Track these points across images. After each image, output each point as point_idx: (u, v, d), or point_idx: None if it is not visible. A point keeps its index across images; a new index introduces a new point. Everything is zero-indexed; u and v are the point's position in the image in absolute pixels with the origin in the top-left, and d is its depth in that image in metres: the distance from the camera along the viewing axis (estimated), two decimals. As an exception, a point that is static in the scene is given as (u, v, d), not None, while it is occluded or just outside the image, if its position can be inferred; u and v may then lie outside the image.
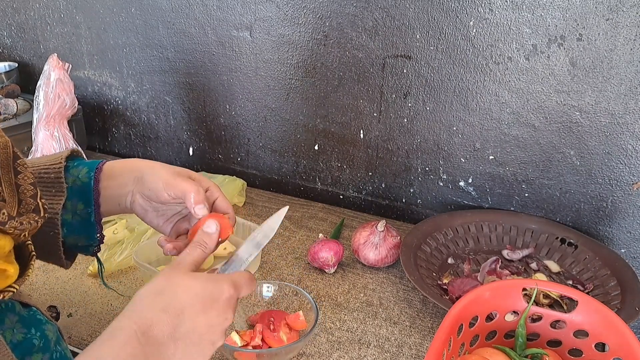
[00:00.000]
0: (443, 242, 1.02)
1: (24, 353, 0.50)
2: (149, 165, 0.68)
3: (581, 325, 0.69)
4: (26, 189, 0.51)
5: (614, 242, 1.04)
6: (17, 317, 0.51)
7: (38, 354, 0.51)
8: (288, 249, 1.05)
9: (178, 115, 1.38)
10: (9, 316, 0.50)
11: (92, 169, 0.67)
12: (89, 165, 0.68)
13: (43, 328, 0.53)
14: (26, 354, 0.50)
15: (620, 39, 0.89)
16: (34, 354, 0.50)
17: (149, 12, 1.28)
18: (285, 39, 1.15)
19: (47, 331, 0.53)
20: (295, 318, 0.79)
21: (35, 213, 0.50)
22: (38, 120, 1.13)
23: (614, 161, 0.97)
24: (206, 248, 0.60)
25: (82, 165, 0.68)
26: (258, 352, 0.74)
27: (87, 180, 0.66)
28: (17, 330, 0.50)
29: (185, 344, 0.53)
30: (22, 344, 0.50)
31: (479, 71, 1.01)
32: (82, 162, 0.70)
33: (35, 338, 0.51)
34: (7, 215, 0.46)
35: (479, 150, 1.07)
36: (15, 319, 0.51)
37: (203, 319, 0.54)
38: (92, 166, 0.68)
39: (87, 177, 0.67)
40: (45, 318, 0.55)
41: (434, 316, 0.88)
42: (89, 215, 0.67)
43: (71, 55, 1.45)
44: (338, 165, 1.24)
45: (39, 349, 0.51)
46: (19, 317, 0.52)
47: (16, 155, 0.52)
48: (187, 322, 0.53)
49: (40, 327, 0.53)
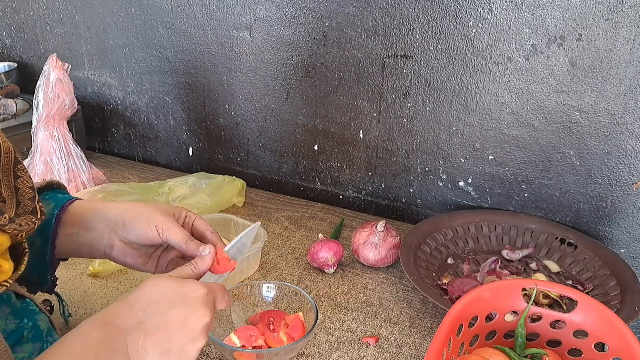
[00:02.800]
0: (443, 242, 1.02)
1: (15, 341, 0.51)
2: (127, 209, 0.66)
3: (581, 325, 0.69)
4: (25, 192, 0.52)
5: (614, 242, 1.04)
6: (9, 309, 0.52)
7: (28, 343, 0.52)
8: (288, 249, 1.05)
9: (178, 116, 1.38)
10: (2, 307, 0.52)
11: (58, 207, 0.65)
12: (57, 201, 0.66)
13: (35, 318, 0.54)
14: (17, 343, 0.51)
15: (620, 39, 0.89)
16: (24, 343, 0.51)
17: (149, 12, 1.28)
18: (284, 39, 1.15)
19: (39, 321, 0.54)
20: (295, 318, 0.79)
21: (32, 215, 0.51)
22: (37, 120, 1.12)
23: (614, 161, 0.97)
24: (195, 269, 0.60)
25: (51, 200, 0.66)
26: (258, 352, 0.74)
27: (49, 218, 0.64)
28: (9, 321, 0.51)
29: (158, 339, 0.52)
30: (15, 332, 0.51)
31: (479, 71, 1.01)
32: (54, 196, 0.68)
33: (26, 328, 0.52)
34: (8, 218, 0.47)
35: (479, 150, 1.07)
36: (8, 310, 0.52)
37: (175, 314, 0.53)
38: (58, 203, 0.66)
39: (50, 215, 0.65)
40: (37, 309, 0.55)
41: (434, 316, 0.88)
42: (44, 253, 0.65)
43: (71, 55, 1.45)
44: (338, 166, 1.24)
45: (28, 339, 0.52)
46: (11, 308, 0.53)
47: (17, 160, 0.53)
48: (157, 316, 0.53)
49: (32, 317, 0.54)
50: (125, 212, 0.65)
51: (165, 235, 0.63)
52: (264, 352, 0.74)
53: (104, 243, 0.65)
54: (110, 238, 0.65)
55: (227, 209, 1.19)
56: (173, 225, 0.63)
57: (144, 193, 1.13)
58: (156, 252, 0.68)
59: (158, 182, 1.19)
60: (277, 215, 1.18)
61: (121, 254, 0.66)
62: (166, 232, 0.63)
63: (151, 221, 0.63)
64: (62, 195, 0.69)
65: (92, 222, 0.65)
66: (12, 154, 0.53)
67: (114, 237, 0.65)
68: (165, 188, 1.17)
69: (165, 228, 0.63)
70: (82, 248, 0.66)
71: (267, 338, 0.76)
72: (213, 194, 1.14)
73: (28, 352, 0.51)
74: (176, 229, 0.63)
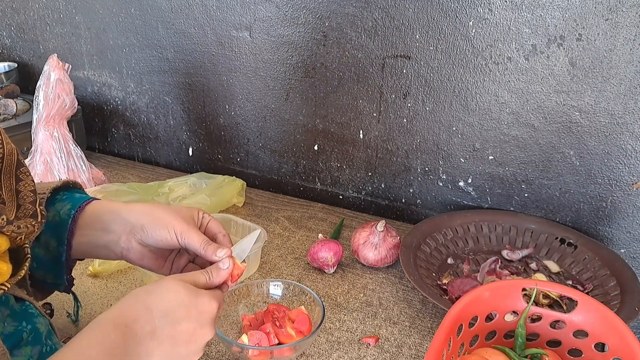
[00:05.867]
0: (442, 242, 1.02)
1: (13, 345, 0.50)
2: (146, 212, 0.65)
3: (581, 326, 0.69)
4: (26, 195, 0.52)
5: (614, 242, 1.04)
6: (8, 311, 0.52)
7: (27, 347, 0.51)
8: (288, 249, 1.05)
9: (177, 116, 1.38)
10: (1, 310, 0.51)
11: (75, 207, 0.65)
12: (75, 201, 0.66)
13: (34, 321, 0.54)
14: (15, 346, 0.50)
15: (620, 39, 0.89)
16: (23, 347, 0.51)
17: (149, 12, 1.28)
18: (284, 39, 1.15)
19: (39, 324, 0.54)
20: (300, 313, 0.79)
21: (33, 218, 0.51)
22: (38, 120, 1.13)
23: (614, 161, 0.97)
24: (210, 278, 0.60)
25: (67, 201, 0.66)
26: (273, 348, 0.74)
27: (66, 218, 0.64)
28: (7, 324, 0.51)
29: (165, 349, 0.53)
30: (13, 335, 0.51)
31: (479, 71, 1.01)
32: (71, 196, 0.68)
33: (25, 331, 0.52)
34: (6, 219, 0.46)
35: (479, 150, 1.07)
36: (7, 312, 0.52)
37: (185, 327, 0.54)
38: (76, 204, 0.66)
39: (67, 215, 0.64)
40: (37, 312, 0.55)
41: (434, 316, 0.88)
42: (60, 254, 0.65)
43: (71, 55, 1.45)
44: (337, 166, 1.24)
45: (27, 342, 0.52)
46: (10, 310, 0.52)
47: (20, 163, 0.53)
48: (170, 326, 0.54)
49: (31, 320, 0.53)
50: (144, 216, 0.65)
51: (184, 241, 0.63)
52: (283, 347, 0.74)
53: (121, 245, 0.65)
54: (128, 241, 0.65)
55: (227, 209, 1.19)
56: (192, 230, 0.64)
57: (144, 193, 1.13)
58: (171, 255, 0.69)
59: (158, 182, 1.19)
60: (277, 216, 1.18)
61: (138, 257, 0.66)
62: (185, 237, 0.63)
63: (170, 227, 0.63)
64: (79, 195, 0.69)
65: (110, 224, 0.65)
66: (15, 156, 0.52)
67: (132, 240, 0.65)
68: (165, 188, 1.17)
69: (185, 234, 0.63)
70: (98, 249, 0.66)
71: (276, 334, 0.76)
72: (213, 194, 1.14)
73: (27, 356, 0.51)
74: (195, 235, 0.64)
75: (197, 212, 0.68)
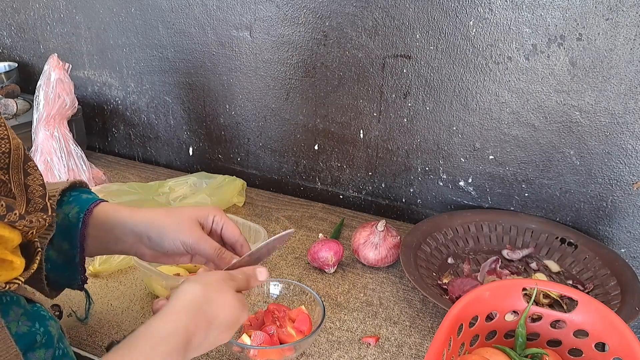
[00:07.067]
0: (443, 242, 1.02)
1: (27, 347, 0.50)
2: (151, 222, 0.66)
3: (581, 325, 0.69)
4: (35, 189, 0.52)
5: (614, 242, 1.04)
6: (22, 310, 0.52)
7: (41, 349, 0.51)
8: (288, 248, 1.05)
9: (178, 115, 1.38)
10: (14, 309, 0.51)
11: (83, 210, 0.66)
12: (82, 204, 0.67)
13: (46, 324, 0.54)
14: (29, 348, 0.50)
15: (620, 38, 0.89)
16: (37, 349, 0.51)
17: (149, 12, 1.28)
18: (285, 39, 1.15)
19: (50, 327, 0.54)
20: (300, 312, 0.79)
21: (43, 212, 0.51)
22: (38, 120, 1.13)
23: (614, 161, 0.97)
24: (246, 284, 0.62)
25: (75, 203, 0.67)
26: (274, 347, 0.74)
27: (75, 222, 0.65)
28: (22, 323, 0.51)
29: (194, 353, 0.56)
30: (26, 336, 0.50)
31: (479, 71, 1.01)
32: (77, 197, 0.68)
33: (39, 333, 0.52)
34: (18, 214, 0.47)
35: (479, 150, 1.07)
36: (21, 311, 0.52)
37: (216, 335, 0.57)
38: (83, 206, 0.66)
39: (76, 219, 0.65)
40: (49, 314, 0.55)
41: (434, 316, 0.88)
42: (73, 256, 0.66)
43: (71, 55, 1.45)
44: (338, 165, 1.24)
45: (41, 345, 0.51)
46: (24, 310, 0.52)
47: (27, 157, 0.53)
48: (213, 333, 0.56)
49: (43, 323, 0.53)
50: (149, 228, 0.66)
51: (194, 252, 0.65)
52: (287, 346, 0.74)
53: (134, 252, 0.68)
54: (140, 248, 0.67)
55: (227, 209, 1.19)
56: (201, 240, 0.64)
57: (145, 193, 1.13)
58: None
59: (158, 182, 1.19)
60: (277, 215, 1.18)
61: (152, 259, 0.69)
62: (195, 249, 0.64)
63: (176, 240, 0.65)
64: (85, 196, 0.69)
65: (120, 234, 0.67)
66: (22, 150, 0.53)
67: (144, 247, 0.67)
68: (166, 188, 1.17)
69: (194, 245, 0.64)
70: (107, 248, 0.69)
71: (277, 334, 0.76)
72: (213, 193, 1.14)
73: (41, 359, 0.51)
74: (205, 245, 0.64)
75: (207, 215, 0.68)
